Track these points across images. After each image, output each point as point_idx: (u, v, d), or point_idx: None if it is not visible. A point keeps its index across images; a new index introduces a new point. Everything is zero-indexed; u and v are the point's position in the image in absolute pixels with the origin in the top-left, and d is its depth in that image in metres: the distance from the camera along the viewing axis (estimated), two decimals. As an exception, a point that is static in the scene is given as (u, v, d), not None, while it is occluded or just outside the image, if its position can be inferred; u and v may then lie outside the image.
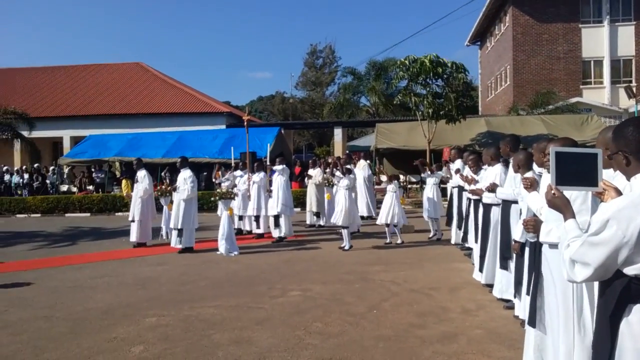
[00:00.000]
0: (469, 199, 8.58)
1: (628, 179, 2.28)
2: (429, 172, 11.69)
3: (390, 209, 10.66)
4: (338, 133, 29.89)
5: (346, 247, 10.38)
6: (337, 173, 11.26)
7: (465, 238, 8.80)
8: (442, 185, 14.56)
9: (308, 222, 14.58)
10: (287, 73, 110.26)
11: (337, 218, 10.43)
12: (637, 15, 28.00)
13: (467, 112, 19.76)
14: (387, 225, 10.77)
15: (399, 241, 10.76)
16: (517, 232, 4.84)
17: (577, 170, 2.40)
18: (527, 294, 4.31)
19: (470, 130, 20.90)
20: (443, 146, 19.35)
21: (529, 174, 4.68)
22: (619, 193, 2.39)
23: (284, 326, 5.64)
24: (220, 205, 10.88)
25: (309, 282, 7.66)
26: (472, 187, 7.32)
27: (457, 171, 10.01)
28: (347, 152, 23.89)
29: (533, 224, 3.74)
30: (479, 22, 34.84)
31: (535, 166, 4.88)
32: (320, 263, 9.22)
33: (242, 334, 5.41)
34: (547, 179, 3.97)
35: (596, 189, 2.41)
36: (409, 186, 22.67)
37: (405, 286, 7.24)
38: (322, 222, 14.30)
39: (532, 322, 3.75)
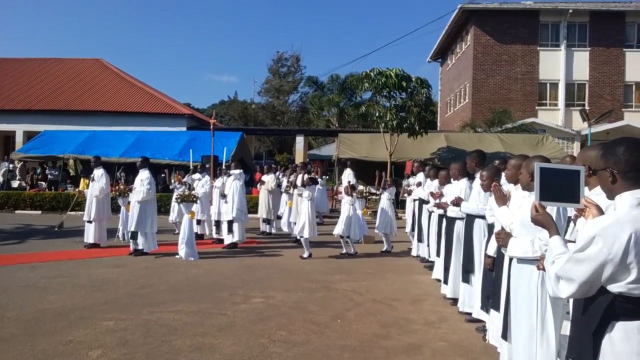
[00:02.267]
0: (430, 212, 8.73)
1: (611, 197, 2.35)
2: (380, 190, 11.75)
3: (345, 221, 10.70)
4: (300, 141, 29.91)
5: (305, 256, 10.36)
6: (298, 183, 11.20)
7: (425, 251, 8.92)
8: (401, 198, 14.78)
9: (261, 228, 14.52)
10: (251, 79, 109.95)
11: (301, 230, 10.37)
12: (592, 41, 29.16)
13: (428, 126, 20.09)
14: (342, 236, 10.82)
15: (351, 251, 10.81)
16: (491, 247, 4.91)
17: (560, 186, 2.46)
18: (494, 308, 4.39)
19: (431, 145, 21.28)
20: (404, 159, 19.64)
21: (506, 187, 4.73)
22: (600, 211, 2.46)
23: (247, 333, 5.57)
24: (181, 208, 10.69)
25: (271, 290, 7.60)
26: (437, 200, 7.43)
27: (419, 184, 10.17)
28: (307, 161, 23.96)
29: (504, 237, 3.81)
30: (441, 40, 35.59)
31: (503, 182, 5.00)
32: (281, 270, 9.16)
33: (205, 341, 5.32)
34: (518, 195, 4.07)
35: (578, 205, 2.48)
36: (369, 197, 22.84)
37: (368, 296, 7.27)
38: (267, 229, 14.27)
39: (505, 335, 3.82)
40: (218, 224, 12.26)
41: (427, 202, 8.99)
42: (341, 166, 22.42)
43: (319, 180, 17.08)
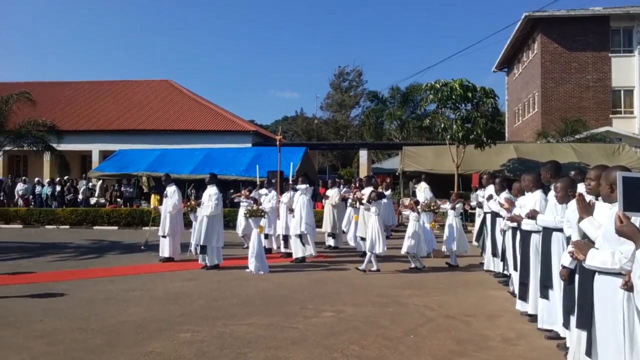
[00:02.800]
0: (504, 230, 8.47)
1: None
2: (447, 206, 11.58)
3: (412, 237, 10.57)
4: (363, 155, 29.88)
5: (373, 269, 10.29)
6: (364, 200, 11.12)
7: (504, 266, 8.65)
8: (470, 211, 14.46)
9: (326, 243, 14.57)
10: (313, 94, 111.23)
11: (371, 246, 10.29)
12: (668, 45, 27.74)
13: (495, 137, 19.63)
14: (407, 252, 10.69)
15: (420, 266, 10.64)
16: (566, 258, 4.72)
17: None
18: (578, 325, 4.20)
19: (499, 156, 20.74)
20: (471, 171, 19.22)
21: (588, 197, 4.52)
22: None
23: (320, 347, 5.57)
24: (250, 223, 10.86)
25: (341, 304, 7.59)
26: (511, 213, 7.22)
27: (490, 197, 9.91)
28: (370, 174, 23.87)
29: (581, 247, 3.63)
30: (506, 49, 34.80)
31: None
32: (350, 284, 9.14)
33: (278, 354, 5.36)
34: (602, 207, 3.88)
35: None
36: (436, 210, 22.50)
37: (441, 312, 7.13)
38: (333, 243, 14.26)
39: (590, 352, 3.65)
40: (286, 238, 12.39)
41: (500, 215, 8.75)
42: (406, 179, 22.26)
43: (385, 193, 17.00)
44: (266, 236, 12.86)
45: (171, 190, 11.87)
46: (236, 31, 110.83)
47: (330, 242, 14.47)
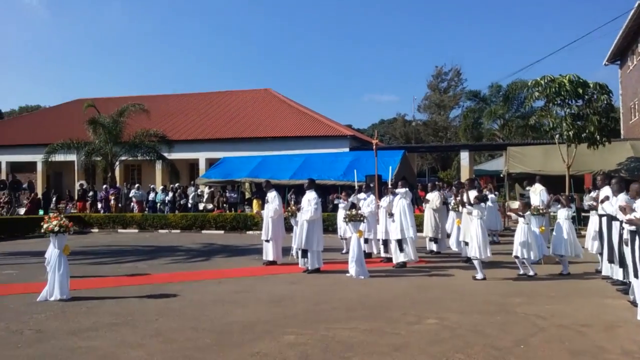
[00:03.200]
0: (621, 233, 7.86)
1: None
2: (559, 206, 10.89)
3: (520, 241, 10.07)
4: (464, 157, 29.06)
5: (478, 277, 9.90)
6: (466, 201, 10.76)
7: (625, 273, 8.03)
8: (583, 214, 13.57)
9: (427, 247, 14.26)
10: (410, 96, 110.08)
11: (473, 251, 9.94)
12: None
13: (610, 135, 18.28)
14: (517, 257, 10.18)
15: (530, 272, 10.10)
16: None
17: None
18: None
19: (614, 155, 19.28)
20: (584, 171, 18.09)
21: None
22: None
23: (423, 355, 5.44)
24: (350, 227, 10.89)
25: (444, 311, 7.39)
26: (630, 216, 6.69)
27: (606, 199, 9.22)
28: (472, 177, 23.11)
29: None
30: (618, 41, 32.36)
31: None
32: (454, 291, 8.88)
33: (381, 359, 5.30)
34: None
35: None
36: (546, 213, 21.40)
37: (553, 321, 6.72)
38: (435, 248, 13.91)
39: None
40: (386, 243, 12.29)
41: (616, 219, 8.13)
42: (511, 181, 21.31)
43: (490, 196, 16.38)
44: (366, 241, 12.83)
45: (272, 195, 12.18)
46: (333, 38, 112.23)
47: (433, 246, 14.17)
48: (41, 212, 23.98)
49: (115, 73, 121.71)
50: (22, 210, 26.16)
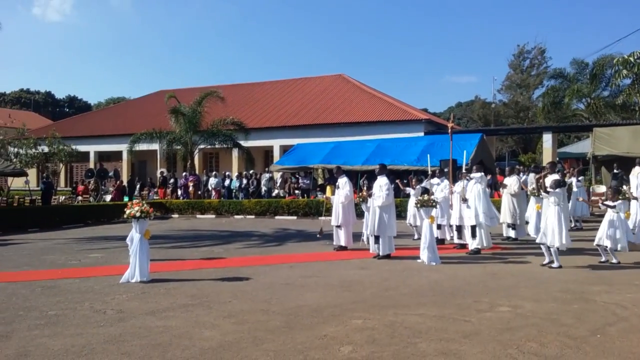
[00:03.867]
0: None
1: None
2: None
3: (607, 228, 9.53)
4: (547, 139, 27.77)
5: (554, 265, 9.48)
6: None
7: None
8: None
9: (504, 234, 13.80)
10: (489, 77, 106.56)
11: (549, 238, 9.52)
12: None
13: None
14: (599, 245, 9.66)
15: (613, 260, 9.55)
16: None
17: None
18: None
19: None
20: (678, 153, 16.82)
21: None
22: None
23: (494, 342, 5.30)
24: (422, 213, 10.74)
25: (518, 298, 7.15)
26: None
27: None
28: (555, 160, 22.04)
29: None
30: None
31: None
32: (530, 279, 8.57)
33: (450, 346, 5.21)
34: None
35: None
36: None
37: (635, 311, 6.34)
38: (513, 235, 13.43)
39: None
40: (459, 229, 12.02)
41: None
42: (598, 164, 20.19)
43: (575, 181, 15.63)
44: (439, 227, 12.62)
45: (342, 181, 12.20)
46: (408, 19, 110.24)
47: (510, 233, 13.71)
48: (126, 199, 25.30)
49: (194, 65, 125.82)
50: (108, 197, 27.72)
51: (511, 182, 13.82)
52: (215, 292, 7.80)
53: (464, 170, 12.29)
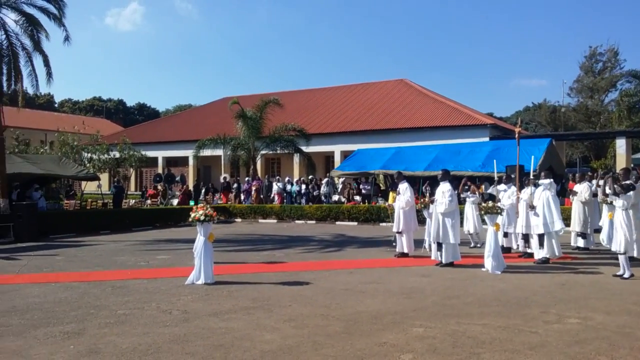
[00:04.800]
0: None
1: None
2: None
3: None
4: (621, 144, 26.47)
5: (625, 275, 9.00)
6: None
7: None
8: None
9: (573, 243, 13.22)
10: (559, 80, 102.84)
11: (618, 246, 9.07)
12: None
13: None
14: None
15: None
16: None
17: None
18: None
19: None
20: None
21: None
22: None
23: (561, 355, 5.09)
24: (487, 220, 10.46)
25: (588, 310, 6.84)
26: None
27: None
28: (629, 166, 20.94)
29: None
30: None
31: None
32: (601, 289, 8.18)
33: (514, 357, 5.04)
34: None
35: None
36: None
37: None
38: (582, 244, 12.84)
39: None
40: (526, 237, 11.63)
41: None
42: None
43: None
44: (505, 234, 12.25)
45: (403, 187, 12.06)
46: (475, 22, 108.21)
47: (580, 242, 13.15)
48: (191, 203, 26.01)
49: (258, 71, 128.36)
50: (175, 201, 28.60)
51: (581, 189, 13.27)
52: (276, 296, 7.88)
53: (531, 177, 11.89)
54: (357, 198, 25.29)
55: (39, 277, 10.07)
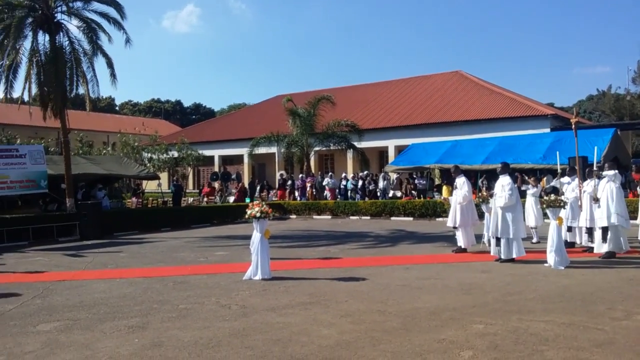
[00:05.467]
0: None
1: None
2: None
3: None
4: (691, 133, 25.06)
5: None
6: None
7: None
8: None
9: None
10: (624, 67, 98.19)
11: None
12: None
13: None
14: None
15: None
16: None
17: None
18: None
19: None
20: None
21: None
22: None
23: (631, 353, 4.86)
24: (549, 214, 10.10)
25: (661, 307, 6.51)
26: None
27: None
28: None
29: None
30: None
31: None
32: (674, 286, 7.77)
33: (580, 355, 4.85)
34: None
35: None
36: None
37: None
38: None
39: None
40: (590, 231, 11.18)
41: None
42: None
43: None
44: (569, 229, 11.82)
45: (460, 181, 11.83)
46: (530, 10, 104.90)
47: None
48: (247, 200, 26.44)
49: (311, 68, 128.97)
50: (231, 199, 29.15)
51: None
52: (332, 292, 7.89)
53: (594, 168, 11.41)
54: (413, 193, 25.03)
55: (104, 273, 10.49)
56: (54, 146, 32.31)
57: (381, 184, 25.96)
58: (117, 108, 79.64)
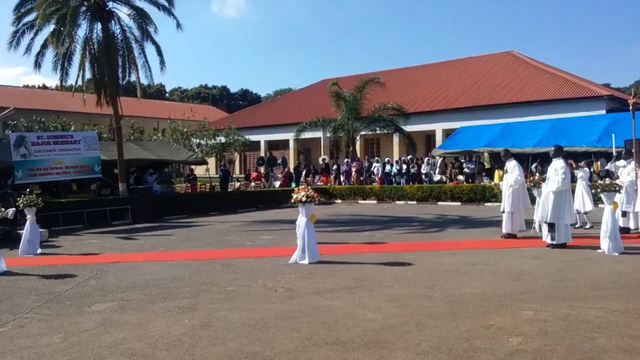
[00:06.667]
0: None
1: None
2: None
3: None
4: None
5: None
6: None
7: None
8: None
9: None
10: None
11: None
12: None
13: None
14: None
15: None
16: None
17: None
18: None
19: None
20: None
21: None
22: None
23: (692, 344, 4.66)
24: (604, 198, 9.75)
25: None
26: None
27: None
28: None
29: None
30: None
31: None
32: None
33: (634, 343, 4.69)
34: None
35: None
36: None
37: None
38: None
39: None
40: (647, 215, 10.76)
41: None
42: None
43: None
44: (624, 214, 11.40)
45: (511, 165, 11.54)
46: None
47: None
48: (293, 185, 26.62)
49: (357, 52, 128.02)
50: (277, 183, 29.41)
51: None
52: (378, 276, 7.88)
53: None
54: (460, 177, 24.61)
55: (155, 255, 10.80)
56: (107, 132, 33.32)
57: (425, 168, 25.63)
58: (166, 94, 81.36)
